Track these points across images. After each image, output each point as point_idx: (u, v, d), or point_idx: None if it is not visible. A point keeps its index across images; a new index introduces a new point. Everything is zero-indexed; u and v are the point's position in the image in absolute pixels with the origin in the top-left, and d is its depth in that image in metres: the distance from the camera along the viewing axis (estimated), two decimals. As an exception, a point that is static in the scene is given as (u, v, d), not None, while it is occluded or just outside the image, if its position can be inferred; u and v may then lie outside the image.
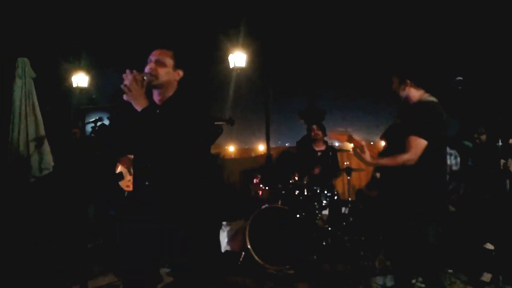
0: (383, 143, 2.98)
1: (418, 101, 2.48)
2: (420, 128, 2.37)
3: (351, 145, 2.60)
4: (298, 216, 4.01)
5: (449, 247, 3.65)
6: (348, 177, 4.61)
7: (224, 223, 4.52)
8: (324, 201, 4.36)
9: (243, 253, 3.99)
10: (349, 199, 4.59)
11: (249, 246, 3.93)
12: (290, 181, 4.35)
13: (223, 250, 4.34)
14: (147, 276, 1.93)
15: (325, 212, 4.50)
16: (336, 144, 5.13)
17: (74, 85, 9.38)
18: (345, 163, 4.82)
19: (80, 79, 9.40)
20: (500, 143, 3.45)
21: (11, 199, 4.08)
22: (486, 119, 4.77)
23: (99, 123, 4.32)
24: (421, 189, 2.38)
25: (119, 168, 3.90)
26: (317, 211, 4.30)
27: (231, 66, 8.85)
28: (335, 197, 4.50)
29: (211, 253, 3.08)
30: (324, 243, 4.10)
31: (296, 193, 4.29)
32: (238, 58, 8.76)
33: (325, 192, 4.38)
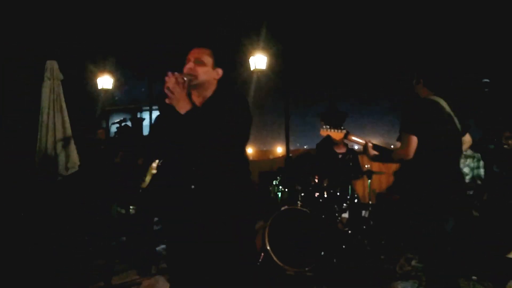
0: None
1: (420, 99, 2.58)
2: (408, 124, 2.46)
3: None
4: (318, 218, 4.00)
5: (473, 254, 3.57)
6: (369, 180, 4.57)
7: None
8: (344, 204, 4.33)
9: (262, 254, 4.00)
10: (370, 202, 4.55)
11: (268, 247, 3.94)
12: (311, 183, 4.35)
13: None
14: (195, 277, 1.94)
15: (345, 215, 4.47)
16: (356, 147, 5.10)
17: (99, 87, 9.61)
18: (366, 166, 4.77)
19: (105, 81, 9.63)
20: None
21: (39, 197, 4.22)
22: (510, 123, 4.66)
23: (123, 124, 4.44)
24: (421, 189, 2.41)
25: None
26: (337, 214, 4.27)
27: (252, 68, 8.89)
28: (355, 200, 4.47)
29: (252, 253, 3.07)
30: (344, 246, 4.07)
31: (316, 195, 4.28)
32: (258, 61, 8.80)
33: (345, 195, 4.35)
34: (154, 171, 3.57)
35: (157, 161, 3.54)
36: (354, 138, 2.82)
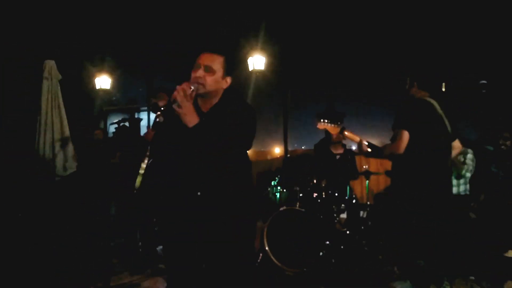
0: None
1: (416, 99, 2.66)
2: (402, 121, 2.55)
3: None
4: (316, 219, 4.01)
5: (471, 254, 3.58)
6: (367, 181, 4.58)
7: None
8: (343, 205, 4.34)
9: (261, 254, 4.01)
10: (368, 203, 4.56)
11: (267, 248, 3.95)
12: (309, 184, 4.36)
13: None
14: (193, 278, 1.95)
15: (343, 215, 4.49)
16: (353, 147, 5.11)
17: (97, 87, 9.59)
18: (364, 167, 4.79)
19: (103, 81, 9.60)
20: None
21: (39, 197, 4.21)
22: (509, 124, 4.70)
23: (121, 124, 4.43)
24: (422, 189, 2.43)
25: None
26: (335, 214, 4.28)
27: (250, 68, 8.89)
28: (353, 201, 4.48)
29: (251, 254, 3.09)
30: (342, 247, 4.08)
31: (314, 196, 4.29)
32: (257, 61, 8.80)
33: (343, 195, 4.36)
34: (142, 171, 3.58)
35: (145, 161, 3.55)
36: (349, 134, 2.88)
